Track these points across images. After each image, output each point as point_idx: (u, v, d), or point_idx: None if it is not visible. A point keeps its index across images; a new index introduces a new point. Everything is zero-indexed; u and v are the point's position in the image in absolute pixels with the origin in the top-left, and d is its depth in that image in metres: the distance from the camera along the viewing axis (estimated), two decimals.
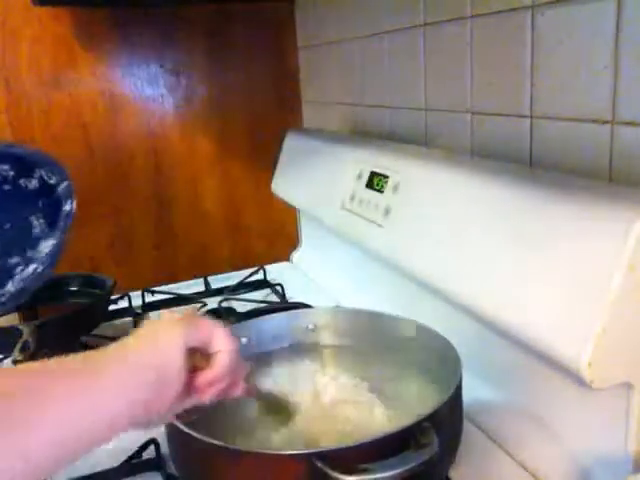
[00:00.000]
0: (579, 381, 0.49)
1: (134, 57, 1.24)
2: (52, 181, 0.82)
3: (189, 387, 0.48)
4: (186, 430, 0.51)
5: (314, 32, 1.24)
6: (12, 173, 0.85)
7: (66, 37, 1.18)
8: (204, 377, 0.48)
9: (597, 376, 0.48)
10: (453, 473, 0.58)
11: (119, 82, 1.24)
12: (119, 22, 1.21)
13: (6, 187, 0.83)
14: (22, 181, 0.84)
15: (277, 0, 1.29)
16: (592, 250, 0.49)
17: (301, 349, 0.73)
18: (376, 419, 0.61)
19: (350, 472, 0.45)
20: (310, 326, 0.74)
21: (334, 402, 0.63)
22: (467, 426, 0.63)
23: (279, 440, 0.59)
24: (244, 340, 0.72)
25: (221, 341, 0.49)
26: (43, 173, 0.83)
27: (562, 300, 0.51)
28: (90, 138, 1.24)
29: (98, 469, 0.63)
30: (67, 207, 0.80)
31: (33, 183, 0.84)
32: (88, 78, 1.21)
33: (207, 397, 0.49)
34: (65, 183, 0.81)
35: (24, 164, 0.84)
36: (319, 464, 0.46)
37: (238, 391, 0.53)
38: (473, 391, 0.65)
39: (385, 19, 0.96)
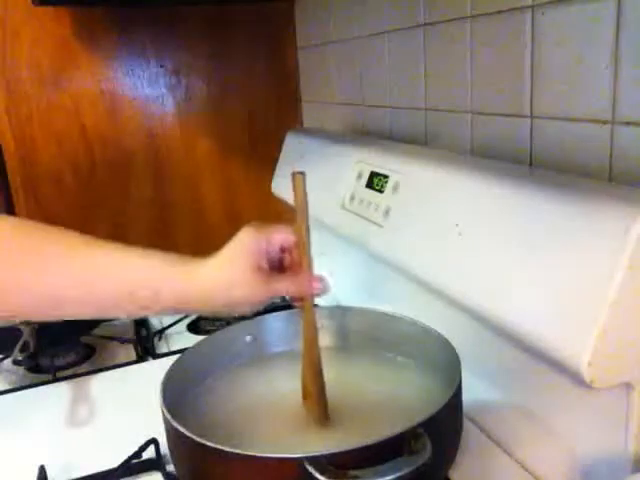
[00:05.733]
0: (579, 381, 0.49)
1: (134, 57, 1.24)
2: None
3: None
4: (181, 430, 0.51)
5: (314, 32, 1.24)
6: None
7: (66, 37, 1.18)
8: None
9: (597, 376, 0.48)
10: (453, 473, 0.58)
11: (119, 82, 1.24)
12: (119, 22, 1.21)
13: None
14: None
15: (277, 0, 1.29)
16: (592, 250, 0.49)
17: None
18: (376, 421, 0.61)
19: (340, 478, 0.45)
20: (317, 325, 0.74)
21: (333, 402, 0.63)
22: (467, 426, 0.63)
23: (278, 438, 0.59)
24: (248, 338, 0.72)
25: None
26: None
27: (562, 300, 0.51)
28: (90, 138, 1.24)
29: (98, 469, 0.63)
30: None
31: None
32: (88, 78, 1.21)
33: None
34: None
35: None
36: (310, 468, 0.45)
37: None
38: (473, 391, 0.64)
39: (385, 19, 0.96)
